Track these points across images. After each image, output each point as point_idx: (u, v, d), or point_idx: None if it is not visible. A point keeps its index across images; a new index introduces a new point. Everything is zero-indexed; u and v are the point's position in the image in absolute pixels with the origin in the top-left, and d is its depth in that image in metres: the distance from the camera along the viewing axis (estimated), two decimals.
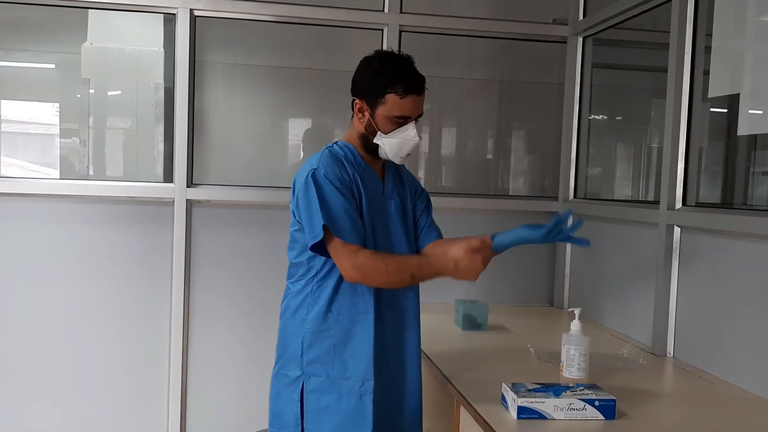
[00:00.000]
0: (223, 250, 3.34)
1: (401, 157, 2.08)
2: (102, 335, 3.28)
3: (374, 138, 2.06)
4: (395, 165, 2.20)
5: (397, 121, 2.02)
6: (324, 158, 2.04)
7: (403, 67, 2.03)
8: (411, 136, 2.04)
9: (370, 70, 2.05)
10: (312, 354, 2.06)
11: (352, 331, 2.06)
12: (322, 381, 2.05)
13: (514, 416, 1.84)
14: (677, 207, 2.60)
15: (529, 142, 3.92)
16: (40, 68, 3.63)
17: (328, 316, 2.05)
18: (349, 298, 2.06)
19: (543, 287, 3.62)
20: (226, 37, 3.54)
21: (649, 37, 3.43)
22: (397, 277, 1.98)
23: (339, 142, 2.13)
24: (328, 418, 2.04)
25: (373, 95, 2.03)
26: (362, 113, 2.06)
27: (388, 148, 2.06)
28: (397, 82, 1.99)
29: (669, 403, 2.16)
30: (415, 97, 2.01)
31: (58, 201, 3.22)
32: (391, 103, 2.01)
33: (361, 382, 2.04)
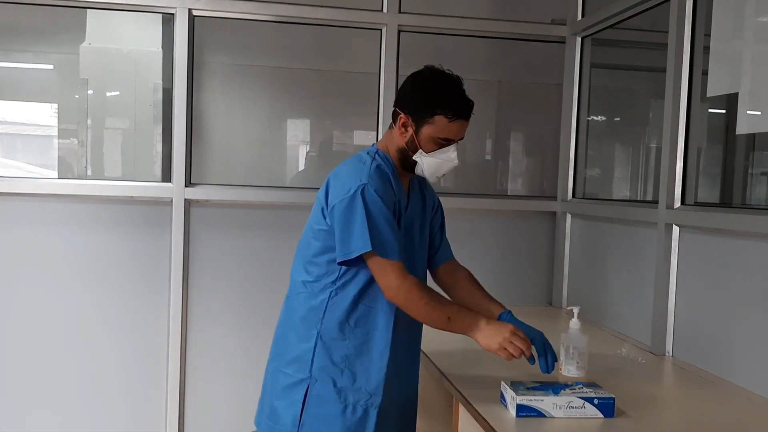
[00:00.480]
0: (221, 250, 3.34)
1: (437, 177, 2.08)
2: (100, 336, 3.28)
3: (414, 155, 2.04)
4: (419, 180, 2.20)
5: (440, 143, 2.01)
6: (373, 173, 1.99)
7: (456, 90, 2.01)
8: (451, 158, 2.03)
9: (422, 88, 2.02)
10: (322, 360, 2.03)
11: (366, 345, 2.04)
12: (329, 388, 2.02)
13: (513, 414, 1.84)
14: (676, 206, 2.60)
15: (527, 143, 3.92)
16: (38, 69, 3.62)
17: (344, 325, 2.03)
18: (368, 311, 2.03)
19: (542, 287, 3.61)
20: (225, 38, 3.54)
21: (648, 38, 3.44)
22: (435, 314, 1.97)
23: (379, 152, 2.08)
24: (329, 425, 2.02)
25: (421, 114, 1.99)
26: (405, 128, 2.03)
27: (426, 167, 2.04)
28: (448, 105, 1.97)
29: (668, 402, 2.16)
30: (462, 121, 2.00)
31: (56, 201, 3.22)
32: (439, 125, 1.98)
33: (369, 396, 2.03)
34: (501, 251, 3.54)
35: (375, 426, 2.03)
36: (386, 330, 2.04)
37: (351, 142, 3.83)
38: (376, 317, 2.04)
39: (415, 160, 2.04)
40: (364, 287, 2.02)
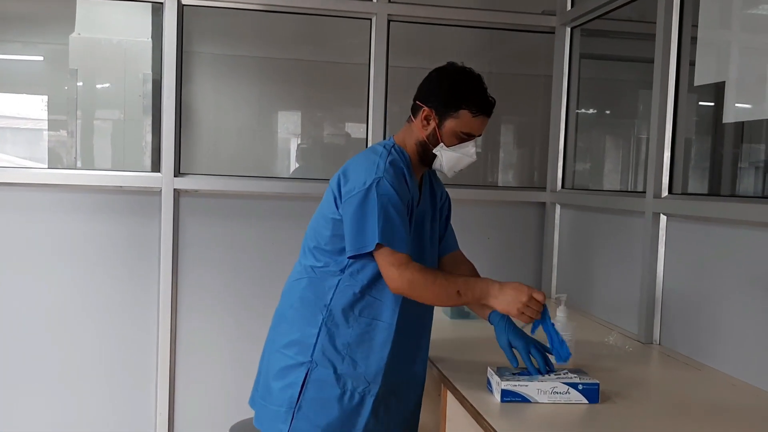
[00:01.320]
0: (210, 239, 3.33)
1: (454, 171, 2.11)
2: (89, 325, 3.27)
3: (434, 148, 2.07)
4: (430, 173, 2.23)
5: (462, 137, 2.05)
6: (388, 167, 2.00)
7: (480, 86, 2.06)
8: (470, 153, 2.07)
9: (448, 82, 2.06)
10: (325, 346, 2.05)
11: (369, 333, 2.06)
12: (329, 373, 2.04)
13: (498, 399, 1.85)
14: (663, 195, 2.62)
15: (517, 134, 3.93)
16: (28, 60, 3.60)
17: (349, 313, 2.05)
18: (374, 302, 2.06)
19: (531, 277, 3.62)
20: (214, 28, 3.53)
21: (636, 28, 3.44)
22: (444, 292, 1.96)
23: (396, 146, 2.10)
24: (326, 410, 2.04)
25: (446, 107, 2.03)
26: (428, 121, 2.06)
27: (446, 161, 2.07)
28: (473, 100, 2.02)
29: (653, 389, 2.18)
30: (484, 117, 2.05)
31: (45, 191, 3.21)
32: (463, 119, 2.03)
33: (367, 383, 2.05)
34: (490, 241, 3.55)
35: (370, 412, 2.05)
36: (390, 321, 2.06)
37: (341, 132, 3.83)
38: (381, 308, 2.06)
39: (435, 153, 2.07)
40: (373, 279, 2.04)
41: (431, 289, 1.96)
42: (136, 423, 3.33)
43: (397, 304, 2.05)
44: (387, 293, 2.04)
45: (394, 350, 2.08)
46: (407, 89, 3.60)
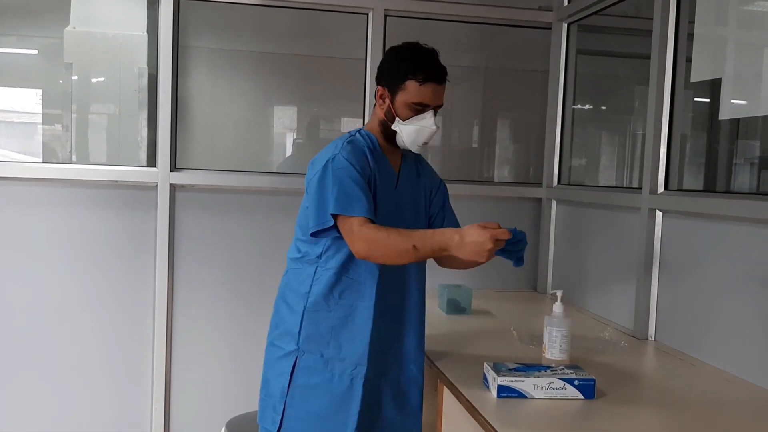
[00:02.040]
0: (206, 234, 3.33)
1: (418, 146, 2.11)
2: (84, 319, 3.26)
3: (392, 124, 2.09)
4: (415, 158, 2.25)
5: (415, 108, 2.06)
6: (346, 147, 2.06)
7: (426, 56, 2.07)
8: (428, 124, 2.07)
9: (394, 57, 2.11)
10: (309, 332, 2.09)
11: (351, 315, 2.08)
12: (316, 359, 2.08)
13: (494, 395, 1.86)
14: (659, 191, 2.62)
15: (513, 130, 3.92)
16: (22, 54, 3.58)
17: (329, 297, 2.08)
18: (351, 283, 2.08)
19: (526, 273, 3.63)
20: (210, 22, 3.51)
21: (632, 24, 3.45)
22: (399, 246, 1.92)
23: (362, 131, 2.16)
24: (316, 396, 2.07)
25: (394, 81, 2.07)
26: (383, 99, 2.10)
27: (405, 135, 2.08)
28: (418, 69, 2.03)
29: (649, 384, 2.19)
30: (434, 85, 2.05)
31: (41, 185, 3.20)
32: (411, 90, 2.04)
33: (354, 366, 2.07)
34: None
35: (362, 397, 2.06)
36: (369, 301, 2.07)
37: (338, 127, 3.82)
38: (360, 289, 2.08)
39: (394, 129, 2.09)
40: (347, 260, 2.06)
41: (386, 244, 1.92)
42: (132, 417, 3.33)
43: (374, 283, 2.07)
44: (363, 273, 2.07)
45: (377, 330, 2.09)
46: None
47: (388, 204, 2.12)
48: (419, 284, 2.22)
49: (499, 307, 3.14)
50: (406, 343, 2.19)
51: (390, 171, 2.15)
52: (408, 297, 2.19)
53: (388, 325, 2.14)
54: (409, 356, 2.19)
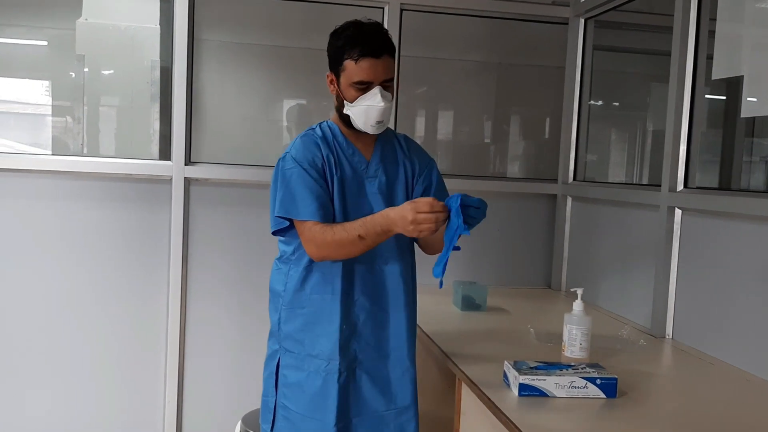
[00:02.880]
0: (219, 228, 3.32)
1: (371, 126, 2.01)
2: (98, 312, 3.26)
3: (344, 109, 2.03)
4: (394, 140, 2.18)
5: (359, 88, 1.97)
6: (297, 143, 2.05)
7: (360, 31, 1.97)
8: (375, 102, 1.96)
9: (331, 40, 2.03)
10: (287, 329, 2.09)
11: (322, 310, 2.06)
12: (295, 357, 2.08)
13: (515, 393, 1.85)
14: (679, 189, 2.60)
15: (527, 126, 3.90)
16: (31, 45, 3.57)
17: (301, 294, 2.07)
18: (321, 277, 2.06)
19: (540, 270, 3.62)
20: (223, 15, 3.50)
21: (650, 20, 3.43)
22: (345, 239, 1.91)
23: (324, 122, 2.13)
24: (297, 395, 2.07)
25: (335, 64, 2.01)
26: (333, 85, 2.05)
27: (356, 117, 2.01)
28: (352, 47, 1.94)
29: (669, 384, 2.17)
30: (372, 60, 1.94)
31: (52, 178, 3.19)
32: (349, 70, 1.96)
33: (326, 362, 2.04)
34: (500, 233, 3.53)
35: (339, 394, 2.03)
36: (334, 293, 2.04)
37: None
38: (328, 283, 2.05)
39: (346, 113, 2.03)
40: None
41: (332, 242, 1.92)
42: (145, 411, 3.33)
43: (339, 273, 2.03)
44: (329, 266, 2.04)
45: (348, 323, 2.05)
46: (415, 79, 3.61)
47: (353, 190, 2.06)
48: (403, 274, 2.12)
49: (513, 304, 3.13)
50: (391, 335, 2.12)
51: (358, 156, 2.09)
52: (388, 288, 2.11)
53: (366, 318, 2.08)
54: (397, 349, 2.13)
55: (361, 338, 2.09)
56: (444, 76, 3.79)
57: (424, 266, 2.27)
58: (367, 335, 2.09)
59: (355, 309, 2.07)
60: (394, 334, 2.12)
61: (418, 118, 3.77)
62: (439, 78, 3.77)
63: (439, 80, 3.77)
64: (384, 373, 2.12)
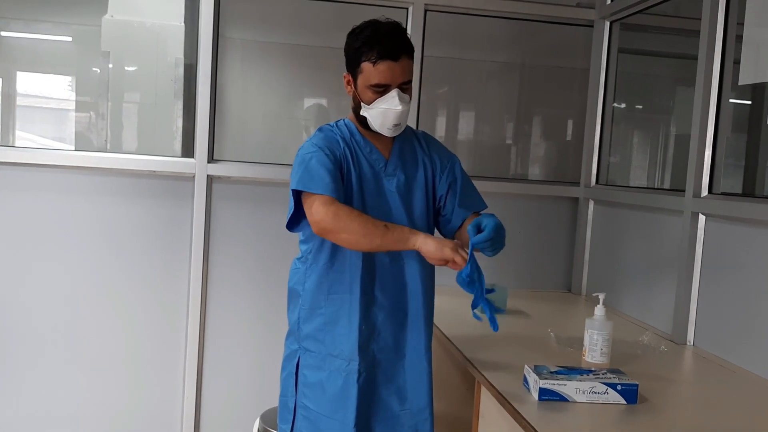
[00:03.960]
0: (240, 226, 3.34)
1: (388, 128, 1.99)
2: (118, 308, 3.29)
3: (361, 111, 2.01)
4: (414, 139, 2.16)
5: (376, 90, 1.95)
6: (317, 134, 2.05)
7: (378, 33, 1.94)
8: (393, 105, 1.95)
9: (348, 42, 2.01)
10: (306, 329, 2.08)
11: (342, 309, 2.05)
12: (315, 357, 2.07)
13: (535, 397, 1.84)
14: (703, 195, 2.58)
15: (549, 127, 3.88)
16: (56, 41, 3.60)
17: (319, 293, 2.06)
18: (340, 277, 2.05)
19: (561, 273, 3.60)
20: (246, 13, 3.51)
21: (675, 23, 3.40)
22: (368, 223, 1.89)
23: (341, 120, 2.12)
24: (318, 395, 2.06)
25: (353, 65, 1.98)
26: (350, 86, 2.03)
27: (373, 120, 1.99)
28: (369, 49, 1.92)
29: (690, 391, 2.16)
30: (390, 63, 1.92)
31: (74, 173, 3.22)
32: (367, 72, 1.94)
33: (347, 362, 2.04)
34: (521, 236, 3.52)
35: (358, 394, 2.03)
36: (353, 292, 2.03)
37: None
38: (349, 282, 2.04)
39: (363, 115, 2.01)
40: (333, 253, 2.04)
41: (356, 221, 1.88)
42: (164, 406, 3.36)
43: (358, 271, 2.02)
44: (347, 265, 2.03)
45: (367, 323, 2.05)
46: (438, 79, 3.61)
47: (371, 188, 2.05)
48: (422, 274, 2.11)
49: (534, 307, 3.11)
50: (409, 335, 2.11)
51: (377, 157, 2.08)
52: (407, 288, 2.10)
53: (384, 318, 2.08)
54: (414, 349, 2.12)
55: (379, 338, 2.08)
56: (467, 77, 3.78)
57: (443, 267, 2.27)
58: (385, 335, 2.09)
59: (374, 308, 2.07)
60: (412, 335, 2.12)
61: (439, 118, 3.77)
62: (462, 78, 3.76)
63: (462, 80, 3.76)
64: (401, 374, 2.12)
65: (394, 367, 2.12)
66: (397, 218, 2.06)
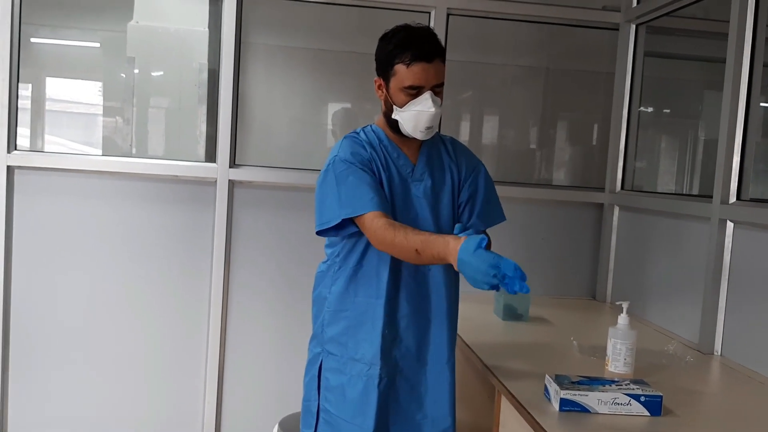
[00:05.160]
0: (262, 230, 3.34)
1: (421, 131, 1.99)
2: (142, 310, 3.32)
3: (393, 114, 2.01)
4: (441, 144, 2.16)
5: (409, 93, 1.95)
6: (343, 145, 2.04)
7: (411, 35, 1.95)
8: (426, 108, 1.94)
9: (380, 45, 2.01)
10: (330, 332, 2.08)
11: (366, 314, 2.04)
12: (337, 360, 2.07)
13: (556, 408, 1.81)
14: (731, 201, 2.52)
15: (574, 132, 3.84)
16: (85, 47, 3.65)
17: (345, 296, 2.06)
18: (366, 281, 2.05)
19: (585, 280, 3.55)
20: (269, 19, 3.52)
21: (703, 26, 3.34)
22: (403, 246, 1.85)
23: (368, 127, 2.12)
24: (339, 399, 2.06)
25: (385, 68, 1.98)
26: (381, 90, 2.03)
27: (405, 123, 1.99)
28: (403, 51, 1.92)
29: (717, 402, 2.11)
30: (424, 64, 1.92)
31: (100, 177, 3.25)
32: (400, 74, 1.94)
33: (368, 366, 2.03)
34: (544, 242, 3.48)
35: (378, 400, 2.02)
36: (378, 297, 2.03)
37: None
38: (374, 288, 2.04)
39: (395, 118, 2.01)
40: (360, 257, 2.04)
41: (392, 244, 1.86)
42: (184, 410, 3.37)
43: (386, 276, 2.02)
44: (374, 269, 2.03)
45: (391, 328, 2.04)
46: (461, 84, 3.59)
47: (398, 193, 2.05)
48: (447, 283, 2.10)
49: (556, 314, 3.07)
50: (432, 342, 2.10)
51: (405, 162, 2.07)
52: (431, 296, 2.09)
53: (407, 325, 2.07)
54: (437, 357, 2.10)
55: (402, 345, 2.07)
56: (490, 81, 3.76)
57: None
58: (408, 342, 2.08)
59: (398, 315, 2.07)
60: (434, 343, 2.11)
61: (462, 123, 3.75)
62: (486, 82, 3.74)
63: (485, 84, 3.74)
64: (423, 382, 2.11)
65: (416, 374, 2.10)
66: (423, 223, 2.06)
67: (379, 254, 2.02)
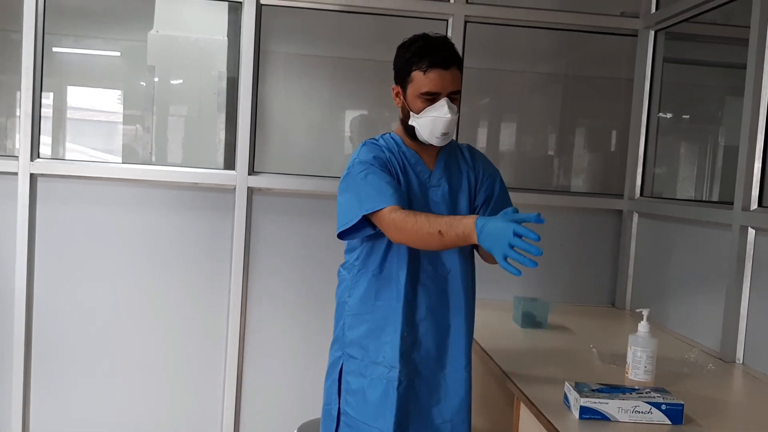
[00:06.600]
0: (281, 237, 3.36)
1: (437, 137, 2.01)
2: (160, 318, 3.34)
3: (410, 120, 2.04)
4: (458, 151, 2.18)
5: (426, 99, 1.98)
6: (362, 149, 2.07)
7: (428, 43, 1.99)
8: (442, 114, 1.97)
9: (398, 53, 2.06)
10: (351, 336, 2.10)
11: (386, 317, 2.06)
12: (358, 363, 2.09)
13: (576, 416, 1.80)
14: (753, 208, 2.50)
15: (593, 138, 3.82)
16: (106, 56, 3.69)
17: (366, 300, 2.08)
18: (385, 285, 2.07)
19: (604, 287, 3.53)
20: (288, 27, 3.55)
21: (723, 32, 3.31)
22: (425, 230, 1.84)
23: (386, 134, 2.15)
24: (359, 402, 2.07)
25: (403, 76, 2.02)
26: (398, 98, 2.07)
27: (422, 128, 2.02)
28: (420, 58, 1.97)
29: (739, 411, 2.09)
30: (440, 71, 1.96)
31: (120, 185, 3.28)
32: (417, 81, 1.98)
33: (388, 369, 2.05)
34: (562, 249, 3.46)
35: (398, 402, 2.03)
36: (398, 300, 2.04)
37: None
38: (394, 291, 2.05)
39: (412, 125, 2.04)
40: (381, 260, 2.06)
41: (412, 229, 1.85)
42: (203, 418, 3.38)
43: (404, 280, 2.03)
44: (393, 272, 2.05)
45: (410, 331, 2.06)
46: (479, 91, 3.59)
47: (417, 198, 2.07)
48: (464, 284, 2.12)
49: (576, 322, 3.05)
50: (451, 345, 2.12)
51: (422, 168, 2.10)
52: (449, 298, 2.11)
53: (427, 329, 2.08)
54: (455, 359, 2.12)
55: (421, 348, 2.09)
56: (508, 87, 3.75)
57: (483, 280, 2.25)
58: (427, 344, 2.09)
59: (417, 317, 2.08)
60: (453, 345, 2.12)
61: (480, 130, 3.74)
62: (503, 89, 3.73)
63: (503, 91, 3.73)
64: (441, 384, 2.12)
65: (436, 378, 2.11)
66: None
67: (398, 257, 2.04)
